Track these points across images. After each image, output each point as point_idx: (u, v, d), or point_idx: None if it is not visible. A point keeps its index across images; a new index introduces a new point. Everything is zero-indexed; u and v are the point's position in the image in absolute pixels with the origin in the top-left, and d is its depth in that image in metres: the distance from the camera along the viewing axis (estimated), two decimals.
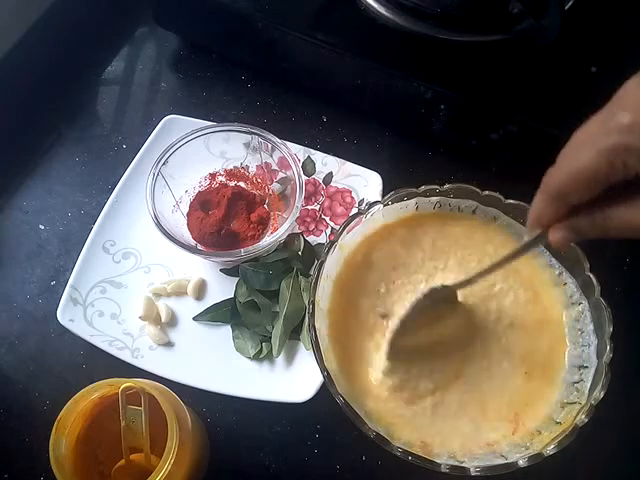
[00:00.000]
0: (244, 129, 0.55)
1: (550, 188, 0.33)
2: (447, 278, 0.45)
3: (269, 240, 0.51)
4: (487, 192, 0.46)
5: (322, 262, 0.44)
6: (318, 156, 0.59)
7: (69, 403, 0.38)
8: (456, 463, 0.38)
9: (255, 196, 0.58)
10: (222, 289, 0.55)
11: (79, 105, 0.67)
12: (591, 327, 0.43)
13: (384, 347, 0.43)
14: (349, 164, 0.59)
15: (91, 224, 0.56)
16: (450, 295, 0.43)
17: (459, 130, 0.60)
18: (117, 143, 0.64)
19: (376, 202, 0.46)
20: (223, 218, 0.56)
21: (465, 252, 0.47)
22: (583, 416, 0.38)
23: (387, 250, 0.48)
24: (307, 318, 0.43)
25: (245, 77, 0.68)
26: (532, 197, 0.45)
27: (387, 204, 0.47)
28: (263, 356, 0.51)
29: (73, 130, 0.65)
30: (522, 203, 0.45)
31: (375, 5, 0.58)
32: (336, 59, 0.58)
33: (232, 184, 0.59)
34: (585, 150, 0.30)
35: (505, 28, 0.56)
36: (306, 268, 0.55)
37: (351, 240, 0.47)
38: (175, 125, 0.59)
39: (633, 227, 0.31)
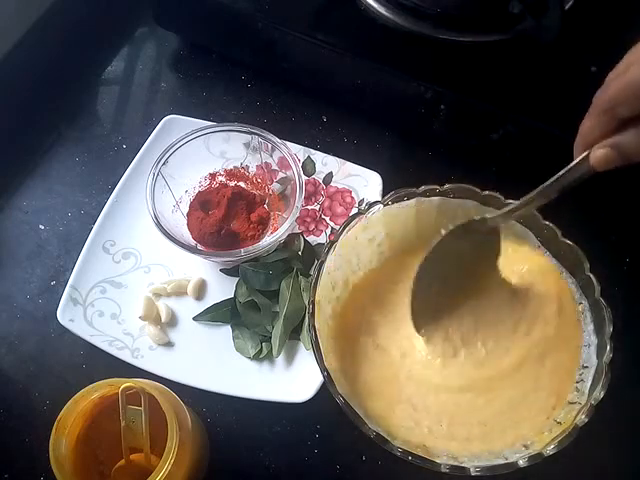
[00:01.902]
0: (244, 129, 0.55)
1: (600, 101, 0.32)
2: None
3: (269, 240, 0.51)
4: (487, 192, 0.46)
5: (322, 262, 0.44)
6: (318, 156, 0.59)
7: (69, 403, 0.38)
8: (456, 463, 0.38)
9: (255, 196, 0.58)
10: (222, 289, 0.55)
11: (79, 105, 0.67)
12: (591, 327, 0.43)
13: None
14: (349, 164, 0.59)
15: (91, 224, 0.56)
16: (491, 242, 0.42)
17: (459, 130, 0.60)
18: (117, 143, 0.64)
19: (376, 202, 0.46)
20: (223, 218, 0.55)
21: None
22: (583, 416, 0.38)
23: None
24: (307, 318, 0.43)
25: (245, 77, 0.68)
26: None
27: (387, 204, 0.46)
28: (263, 356, 0.51)
29: (73, 130, 0.65)
30: None
31: (375, 5, 0.58)
32: (336, 59, 0.58)
33: (232, 184, 0.59)
34: (637, 64, 0.31)
35: (505, 28, 0.56)
36: (306, 268, 0.55)
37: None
38: (175, 125, 0.59)
39: None
